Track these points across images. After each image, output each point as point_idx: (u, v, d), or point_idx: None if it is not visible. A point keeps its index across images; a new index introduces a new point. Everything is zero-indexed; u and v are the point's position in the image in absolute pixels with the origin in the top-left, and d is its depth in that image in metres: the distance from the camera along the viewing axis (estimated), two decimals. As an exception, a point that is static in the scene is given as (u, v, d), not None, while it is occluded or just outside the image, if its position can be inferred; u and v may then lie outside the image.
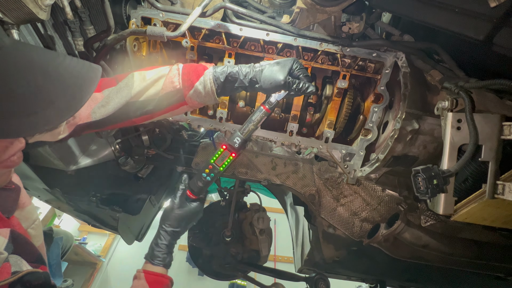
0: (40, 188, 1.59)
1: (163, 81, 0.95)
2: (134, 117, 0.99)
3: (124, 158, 1.67)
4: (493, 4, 0.73)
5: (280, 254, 5.50)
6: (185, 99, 0.98)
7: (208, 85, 0.95)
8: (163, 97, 0.96)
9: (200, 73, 0.96)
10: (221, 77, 0.96)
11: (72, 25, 1.09)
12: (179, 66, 0.98)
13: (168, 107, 0.99)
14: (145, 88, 0.95)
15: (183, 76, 0.96)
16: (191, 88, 0.95)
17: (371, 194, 1.67)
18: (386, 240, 1.46)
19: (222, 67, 0.98)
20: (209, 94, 0.97)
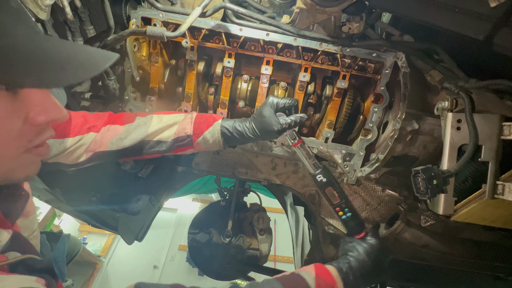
0: (40, 188, 1.59)
1: (177, 127, 1.07)
2: (145, 154, 1.08)
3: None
4: (493, 4, 0.73)
5: (280, 254, 5.51)
6: (193, 144, 1.08)
7: (215, 135, 1.06)
8: (174, 140, 1.07)
9: (210, 123, 1.07)
10: (227, 132, 1.06)
11: (72, 25, 1.09)
12: (193, 116, 1.09)
13: (177, 149, 1.09)
14: (161, 129, 1.05)
15: (195, 125, 1.07)
16: (200, 136, 1.06)
17: (371, 194, 1.67)
18: (386, 240, 1.46)
19: (229, 122, 1.08)
20: (215, 143, 1.07)
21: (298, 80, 1.26)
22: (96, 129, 1.03)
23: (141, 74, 1.31)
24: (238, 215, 2.27)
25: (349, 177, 1.34)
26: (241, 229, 2.24)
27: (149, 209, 2.19)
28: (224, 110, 1.33)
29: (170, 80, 1.38)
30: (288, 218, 2.68)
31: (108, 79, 1.25)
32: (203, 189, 3.63)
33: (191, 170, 1.91)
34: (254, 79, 1.39)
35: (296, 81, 1.29)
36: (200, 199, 6.29)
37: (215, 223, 2.29)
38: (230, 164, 1.86)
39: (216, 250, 2.20)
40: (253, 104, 1.39)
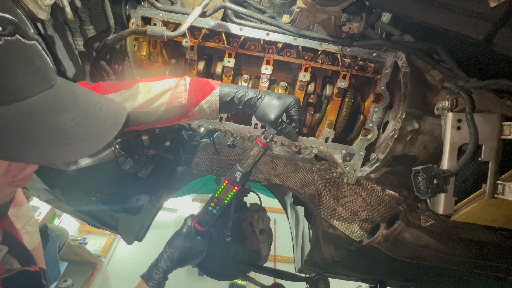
0: (40, 188, 1.59)
1: (169, 94, 0.96)
2: (135, 125, 0.99)
3: (124, 158, 1.67)
4: (493, 4, 0.73)
5: (280, 254, 5.51)
6: (188, 114, 1.00)
7: (213, 105, 0.98)
8: (167, 110, 0.97)
9: (207, 92, 0.98)
10: (227, 98, 0.99)
11: (72, 25, 1.09)
12: (186, 81, 0.99)
13: (170, 120, 1.01)
14: (150, 100, 0.96)
15: (190, 93, 0.97)
16: (196, 105, 0.98)
17: (371, 194, 1.68)
18: (386, 240, 1.46)
19: (229, 89, 1.00)
20: (213, 113, 1.01)
21: (298, 80, 1.26)
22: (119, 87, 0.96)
23: (141, 74, 1.31)
24: (238, 215, 2.27)
25: (349, 177, 1.34)
26: (241, 229, 2.24)
27: (149, 209, 2.18)
28: (224, 110, 1.33)
29: (170, 80, 1.38)
30: (288, 218, 2.68)
31: (108, 79, 1.25)
32: (203, 189, 3.63)
33: (191, 170, 1.91)
34: (254, 79, 1.39)
35: (296, 80, 1.29)
36: (200, 199, 6.29)
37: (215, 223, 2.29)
38: (230, 164, 1.86)
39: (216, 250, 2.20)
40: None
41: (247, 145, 2.06)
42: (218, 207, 1.21)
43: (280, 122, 1.01)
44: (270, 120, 0.99)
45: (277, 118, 0.99)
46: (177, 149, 1.92)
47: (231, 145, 1.87)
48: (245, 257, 2.19)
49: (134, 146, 1.67)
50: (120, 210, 1.95)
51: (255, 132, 1.34)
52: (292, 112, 1.02)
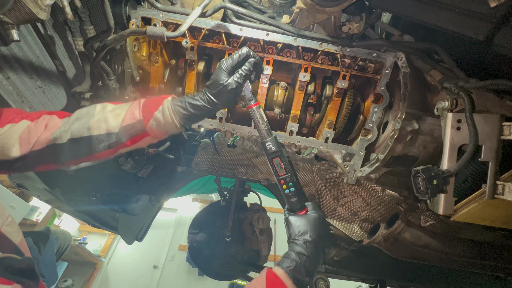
0: (40, 188, 1.59)
1: (124, 114, 0.97)
2: (96, 152, 0.97)
3: (124, 158, 1.67)
4: (493, 4, 0.73)
5: (280, 254, 5.50)
6: (146, 130, 0.98)
7: (166, 112, 0.96)
8: (124, 128, 0.96)
9: (159, 103, 0.98)
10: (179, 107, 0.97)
11: (72, 25, 1.09)
12: (140, 100, 1.00)
13: (131, 139, 0.99)
14: (104, 118, 0.95)
15: (143, 107, 0.98)
16: (150, 118, 0.97)
17: (371, 194, 1.68)
18: (386, 240, 1.46)
19: (181, 98, 1.00)
20: (168, 122, 0.97)
21: (298, 80, 1.26)
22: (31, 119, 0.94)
23: (141, 74, 1.31)
24: (238, 215, 2.27)
25: (349, 177, 1.34)
26: (241, 229, 2.24)
27: (149, 209, 2.19)
28: (224, 110, 1.33)
29: (170, 80, 1.38)
30: (288, 218, 2.68)
31: (108, 79, 1.25)
32: (203, 189, 3.63)
33: (191, 170, 1.91)
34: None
35: (296, 81, 1.29)
36: (200, 199, 6.30)
37: (215, 223, 2.29)
38: (230, 164, 1.86)
39: (216, 250, 2.20)
40: (253, 104, 1.39)
41: (247, 145, 2.06)
42: (291, 183, 1.11)
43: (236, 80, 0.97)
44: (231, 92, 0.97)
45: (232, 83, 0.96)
46: (177, 149, 1.92)
47: (231, 145, 1.87)
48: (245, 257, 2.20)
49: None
50: (120, 210, 1.95)
51: (255, 132, 1.34)
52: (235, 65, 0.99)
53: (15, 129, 0.91)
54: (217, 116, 1.34)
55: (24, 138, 0.90)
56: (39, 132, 0.92)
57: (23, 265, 0.71)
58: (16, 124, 0.92)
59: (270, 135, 1.10)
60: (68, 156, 0.95)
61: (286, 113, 1.43)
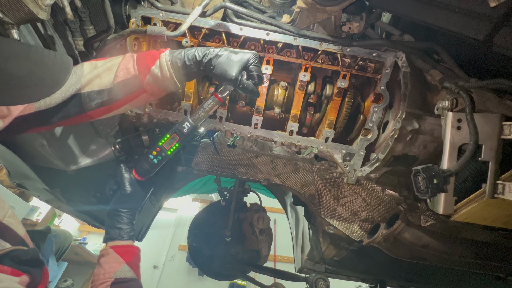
0: (40, 188, 1.59)
1: (117, 68, 0.90)
2: (89, 110, 0.90)
3: (124, 158, 1.67)
4: (493, 4, 0.73)
5: (280, 254, 5.51)
6: (143, 86, 0.92)
7: (165, 67, 0.91)
8: (118, 85, 0.89)
9: (156, 56, 0.92)
10: (179, 61, 0.92)
11: (72, 25, 1.09)
12: (133, 54, 0.94)
13: (127, 96, 0.92)
14: (97, 75, 0.88)
15: (138, 61, 0.91)
16: (147, 73, 0.91)
17: (371, 194, 1.68)
18: (386, 240, 1.46)
19: (179, 51, 0.94)
20: (167, 78, 0.92)
21: (298, 80, 1.26)
22: None
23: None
24: (238, 215, 2.27)
25: (349, 177, 1.34)
26: (241, 229, 2.24)
27: (149, 209, 2.19)
28: (224, 110, 1.33)
29: (170, 79, 1.38)
30: (288, 218, 2.68)
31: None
32: (203, 189, 3.63)
33: (191, 170, 1.91)
34: (254, 79, 1.39)
35: (296, 80, 1.29)
36: (200, 199, 6.29)
37: (215, 223, 2.29)
38: (230, 164, 1.86)
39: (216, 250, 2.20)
40: (253, 104, 1.38)
41: (247, 145, 2.06)
42: (160, 157, 1.13)
43: (241, 80, 0.94)
44: (230, 78, 0.92)
45: (238, 75, 0.92)
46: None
47: (231, 145, 1.87)
48: (245, 257, 2.20)
49: (134, 146, 1.67)
50: (120, 210, 1.95)
51: (255, 132, 1.34)
52: (252, 68, 0.96)
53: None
54: (217, 116, 1.34)
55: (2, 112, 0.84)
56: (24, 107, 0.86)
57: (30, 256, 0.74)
58: None
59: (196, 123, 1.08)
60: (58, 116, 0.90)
61: (286, 112, 1.43)
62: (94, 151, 1.57)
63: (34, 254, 0.76)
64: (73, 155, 1.46)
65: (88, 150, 1.54)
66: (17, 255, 0.71)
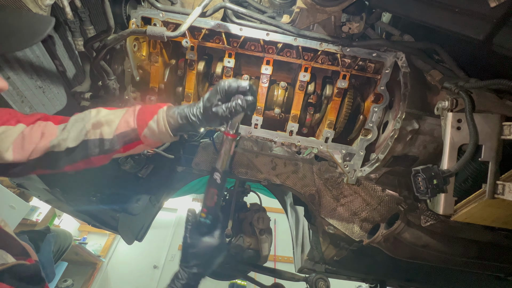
0: (40, 188, 1.59)
1: (118, 121, 0.98)
2: (92, 156, 0.98)
3: (124, 158, 1.67)
4: (493, 4, 0.73)
5: (280, 254, 5.51)
6: (140, 138, 0.98)
7: (161, 123, 0.96)
8: (118, 136, 0.97)
9: (154, 112, 0.98)
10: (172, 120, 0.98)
11: (72, 25, 1.09)
12: (135, 108, 1.00)
13: (124, 146, 0.99)
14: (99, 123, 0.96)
15: (138, 116, 0.98)
16: (145, 127, 0.97)
17: (371, 194, 1.68)
18: (386, 240, 1.46)
19: (175, 108, 1.00)
20: (163, 132, 0.97)
21: (298, 80, 1.26)
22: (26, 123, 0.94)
23: (141, 74, 1.31)
24: (238, 215, 2.27)
25: (349, 177, 1.34)
26: (241, 229, 2.24)
27: (149, 209, 2.19)
28: (224, 110, 1.33)
29: (170, 79, 1.38)
30: (288, 218, 2.68)
31: (108, 79, 1.25)
32: (203, 189, 3.62)
33: (191, 170, 1.91)
34: (254, 79, 1.39)
35: (296, 80, 1.29)
36: (200, 199, 6.29)
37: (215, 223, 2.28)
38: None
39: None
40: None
41: (247, 145, 2.06)
42: (211, 215, 1.13)
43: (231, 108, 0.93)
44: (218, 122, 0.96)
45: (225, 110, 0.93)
46: (177, 149, 1.91)
47: (231, 145, 1.86)
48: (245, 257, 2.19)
49: (134, 146, 1.66)
50: (120, 210, 1.95)
51: (255, 132, 1.34)
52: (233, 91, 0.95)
53: (11, 132, 0.90)
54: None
55: (18, 144, 0.90)
56: (35, 140, 0.92)
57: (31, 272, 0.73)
58: (12, 127, 0.92)
59: (224, 168, 1.10)
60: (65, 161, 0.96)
61: (286, 113, 1.43)
62: (94, 151, 1.57)
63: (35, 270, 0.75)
64: (73, 155, 1.46)
65: (88, 150, 1.54)
66: (18, 271, 0.70)
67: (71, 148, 0.94)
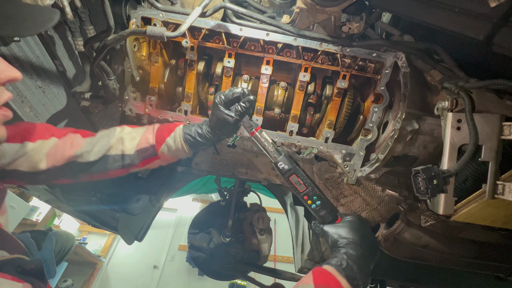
0: (40, 188, 1.59)
1: (139, 138, 1.05)
2: (110, 170, 1.05)
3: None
4: (493, 4, 0.73)
5: (280, 254, 5.51)
6: (157, 154, 1.06)
7: (178, 140, 1.04)
8: (138, 152, 1.04)
9: (171, 130, 1.06)
10: (189, 136, 1.05)
11: (72, 25, 1.09)
12: (155, 126, 1.08)
13: (143, 161, 1.07)
14: (121, 140, 1.04)
15: (157, 133, 1.06)
16: (162, 143, 1.05)
17: (371, 194, 1.67)
18: (386, 240, 1.46)
19: (190, 126, 1.07)
20: (179, 149, 1.05)
21: (298, 80, 1.26)
22: (58, 136, 1.02)
23: (141, 74, 1.31)
24: (238, 215, 2.27)
25: (349, 177, 1.34)
26: (241, 229, 2.24)
27: (149, 209, 2.19)
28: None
29: (170, 80, 1.38)
30: (288, 218, 2.68)
31: (108, 79, 1.25)
32: (203, 189, 3.63)
33: (191, 170, 1.91)
34: (254, 79, 1.39)
35: (296, 81, 1.29)
36: (200, 199, 6.30)
37: (215, 223, 2.29)
38: (230, 164, 1.86)
39: (216, 250, 2.20)
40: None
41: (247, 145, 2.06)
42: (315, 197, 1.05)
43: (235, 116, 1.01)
44: (232, 127, 1.03)
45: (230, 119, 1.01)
46: (177, 149, 1.91)
47: (231, 145, 1.86)
48: (245, 257, 2.20)
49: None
50: (120, 210, 1.95)
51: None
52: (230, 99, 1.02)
53: (45, 145, 0.98)
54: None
55: (51, 155, 0.98)
56: (63, 150, 1.00)
57: (33, 265, 0.74)
58: (46, 140, 0.99)
59: (279, 154, 1.06)
60: (85, 173, 1.04)
61: (286, 113, 1.43)
62: (94, 151, 1.57)
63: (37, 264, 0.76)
64: (73, 155, 1.46)
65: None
66: (19, 264, 0.71)
67: (92, 161, 1.02)
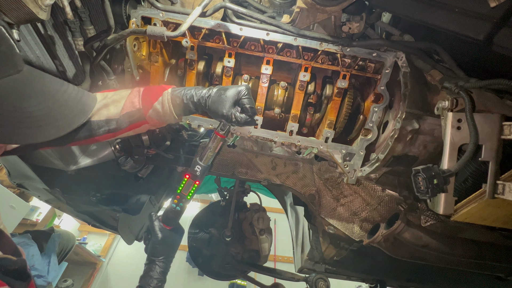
0: (40, 188, 1.59)
1: (124, 101, 1.02)
2: (97, 135, 1.02)
3: (124, 158, 1.67)
4: (493, 4, 0.73)
5: (280, 254, 5.51)
6: (145, 118, 1.03)
7: (166, 105, 1.01)
8: (124, 116, 1.01)
9: (159, 94, 1.03)
10: (178, 100, 1.02)
11: (72, 25, 1.09)
12: (140, 88, 1.05)
13: (130, 125, 1.04)
14: (105, 105, 1.01)
15: (143, 97, 1.02)
16: (150, 108, 1.02)
17: (371, 194, 1.67)
18: (386, 240, 1.46)
19: (180, 89, 1.04)
20: (167, 113, 1.02)
21: (298, 80, 1.26)
22: None
23: (141, 74, 1.31)
24: (238, 215, 2.27)
25: (349, 177, 1.34)
26: (241, 229, 2.24)
27: (149, 209, 2.18)
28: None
29: (170, 79, 1.38)
30: (288, 218, 2.68)
31: (108, 79, 1.25)
32: (203, 189, 3.63)
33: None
34: (254, 79, 1.39)
35: (296, 80, 1.29)
36: (200, 199, 6.29)
37: (215, 223, 2.29)
38: (230, 164, 1.86)
39: (216, 250, 2.20)
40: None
41: (247, 145, 2.06)
42: (182, 204, 1.21)
43: (234, 115, 1.01)
44: (222, 115, 1.01)
45: (228, 112, 1.00)
46: (177, 149, 1.91)
47: (231, 145, 1.86)
48: (245, 257, 2.19)
49: (134, 146, 1.67)
50: (120, 210, 1.95)
51: (255, 132, 1.34)
52: (243, 101, 1.02)
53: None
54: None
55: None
56: None
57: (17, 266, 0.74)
58: None
59: (206, 163, 1.17)
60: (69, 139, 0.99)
61: (286, 112, 1.43)
62: (94, 151, 1.58)
63: (21, 265, 0.77)
64: (73, 155, 1.46)
65: (88, 150, 1.54)
66: (3, 264, 0.72)
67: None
